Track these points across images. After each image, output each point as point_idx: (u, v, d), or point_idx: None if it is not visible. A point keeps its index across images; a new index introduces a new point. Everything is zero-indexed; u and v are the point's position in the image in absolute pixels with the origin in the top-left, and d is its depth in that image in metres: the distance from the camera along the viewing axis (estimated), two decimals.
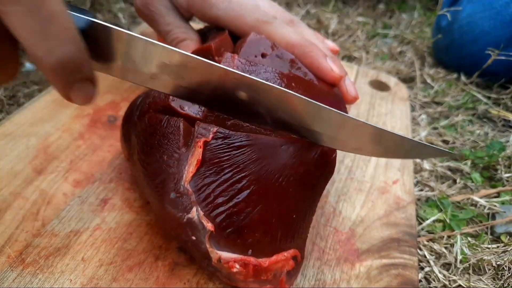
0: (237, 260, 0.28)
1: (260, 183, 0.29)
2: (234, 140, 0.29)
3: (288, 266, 0.30)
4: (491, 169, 0.53)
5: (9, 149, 0.42)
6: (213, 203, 0.28)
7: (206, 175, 0.29)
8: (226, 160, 0.29)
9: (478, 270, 0.41)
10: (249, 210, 0.28)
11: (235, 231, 0.28)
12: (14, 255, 0.33)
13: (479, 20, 0.67)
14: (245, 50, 0.36)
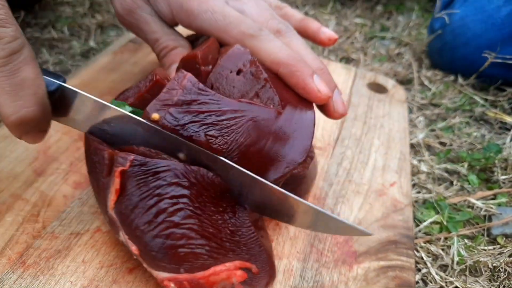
0: (171, 279, 0.30)
1: (177, 205, 0.30)
2: (151, 167, 0.30)
3: (237, 277, 0.30)
4: (487, 171, 0.54)
5: (9, 151, 0.42)
6: (135, 227, 0.30)
7: (126, 202, 0.30)
8: (143, 186, 0.30)
9: (474, 271, 0.41)
10: (169, 231, 0.29)
11: (160, 252, 0.29)
12: (14, 257, 0.33)
13: (471, 23, 0.68)
14: (223, 64, 0.35)
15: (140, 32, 0.42)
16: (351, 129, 0.53)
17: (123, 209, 0.30)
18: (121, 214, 0.30)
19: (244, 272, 0.31)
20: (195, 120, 0.31)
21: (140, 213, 0.29)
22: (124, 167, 0.30)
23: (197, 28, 0.39)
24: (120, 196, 0.30)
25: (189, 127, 0.31)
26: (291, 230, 0.38)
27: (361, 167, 0.47)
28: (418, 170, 0.52)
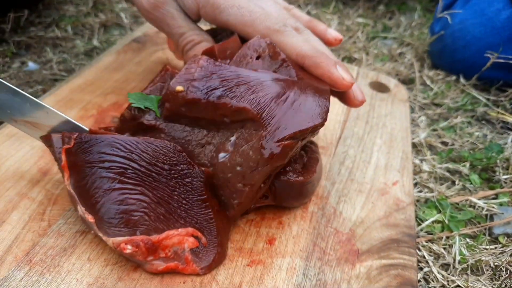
0: (127, 241, 0.31)
1: (126, 173, 0.33)
2: (94, 143, 0.33)
3: (189, 243, 0.33)
4: (489, 170, 0.54)
5: (14, 150, 0.42)
6: (91, 197, 0.32)
7: (80, 176, 0.33)
8: (92, 161, 0.33)
9: (476, 270, 0.42)
10: (122, 197, 0.32)
11: (115, 217, 0.32)
12: (21, 254, 0.33)
13: (471, 26, 0.68)
14: (242, 53, 0.38)
15: (165, 27, 0.43)
16: (354, 128, 0.53)
17: (78, 183, 0.33)
18: (77, 187, 0.33)
19: (195, 240, 0.33)
20: (217, 87, 0.34)
21: (92, 185, 0.32)
22: (69, 145, 0.33)
23: (222, 22, 0.41)
24: (72, 171, 0.33)
25: (213, 93, 0.34)
26: (294, 228, 0.39)
27: (363, 166, 0.47)
28: (420, 169, 0.52)
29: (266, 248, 0.37)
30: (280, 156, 0.32)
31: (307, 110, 0.33)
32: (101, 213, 0.32)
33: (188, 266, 0.33)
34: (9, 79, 0.61)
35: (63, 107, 0.49)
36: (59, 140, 0.34)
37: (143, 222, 0.32)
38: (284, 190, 0.37)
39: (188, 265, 0.33)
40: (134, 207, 0.32)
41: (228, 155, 0.34)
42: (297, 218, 0.40)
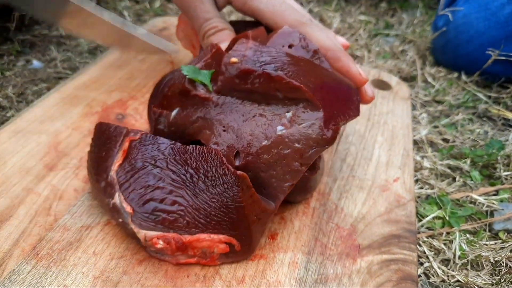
0: (160, 237, 0.33)
1: (172, 175, 0.34)
2: (155, 142, 0.35)
3: (219, 249, 0.34)
4: (490, 167, 0.54)
5: (20, 146, 0.43)
6: (133, 190, 0.33)
7: (129, 167, 0.34)
8: (146, 156, 0.34)
9: (476, 266, 0.42)
10: (164, 196, 0.33)
11: (153, 213, 0.33)
12: (28, 248, 0.34)
13: (474, 20, 0.68)
14: (275, 40, 0.40)
15: (191, 10, 0.45)
16: (355, 126, 0.54)
17: (124, 172, 0.34)
18: (121, 176, 0.34)
19: (226, 246, 0.34)
20: (269, 62, 0.35)
21: (139, 177, 0.34)
22: (135, 137, 0.35)
23: (251, 9, 0.43)
24: (125, 159, 0.34)
25: (267, 67, 0.35)
26: (296, 224, 0.39)
27: (364, 163, 0.48)
28: (421, 166, 0.53)
29: (268, 243, 0.37)
30: (335, 139, 0.34)
31: (348, 101, 0.36)
32: (140, 206, 0.33)
33: (210, 261, 0.34)
34: (14, 77, 0.61)
35: (68, 104, 0.49)
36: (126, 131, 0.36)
37: (177, 224, 0.33)
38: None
39: (211, 261, 0.34)
40: (173, 208, 0.33)
41: (285, 130, 0.34)
42: (299, 213, 0.40)
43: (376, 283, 0.35)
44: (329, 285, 0.34)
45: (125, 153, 0.35)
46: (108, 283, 0.32)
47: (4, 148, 0.42)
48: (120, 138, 0.36)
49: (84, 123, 0.47)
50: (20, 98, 0.57)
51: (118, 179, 0.34)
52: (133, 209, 0.33)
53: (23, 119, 0.46)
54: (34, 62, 0.66)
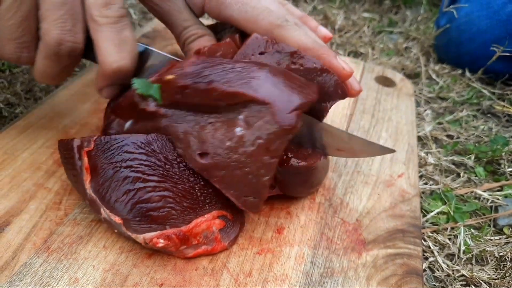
0: (159, 236, 0.33)
1: (148, 171, 0.33)
2: (114, 143, 0.34)
3: (217, 225, 0.35)
4: (494, 163, 0.54)
5: (30, 142, 0.44)
6: (115, 200, 0.33)
7: (101, 178, 0.34)
8: (112, 161, 0.34)
9: (480, 260, 0.42)
10: (148, 195, 0.33)
11: (144, 215, 0.33)
12: (39, 242, 0.35)
13: (476, 19, 0.68)
14: (244, 51, 0.39)
15: (169, 19, 0.44)
16: (360, 122, 0.54)
17: (100, 186, 0.33)
18: (99, 191, 0.34)
19: (221, 220, 0.36)
20: (206, 74, 0.34)
21: (116, 186, 0.33)
22: (90, 147, 0.34)
23: (226, 17, 0.42)
24: (93, 174, 0.34)
25: (202, 80, 0.34)
26: (302, 218, 0.40)
27: (369, 158, 0.48)
28: (426, 162, 0.53)
29: (275, 237, 0.38)
30: (296, 125, 0.33)
31: (301, 89, 0.35)
32: (128, 213, 0.33)
33: (217, 245, 0.35)
34: (22, 74, 0.62)
35: (76, 100, 0.50)
36: (79, 144, 0.35)
37: (171, 217, 0.33)
38: (290, 177, 0.38)
39: (217, 244, 0.35)
40: (161, 203, 0.33)
41: (244, 130, 0.34)
42: (305, 208, 0.41)
43: (381, 276, 0.35)
44: (335, 278, 0.35)
45: (88, 170, 0.34)
46: (118, 276, 0.33)
47: (15, 143, 0.43)
48: (75, 153, 0.35)
49: (92, 119, 0.47)
50: (28, 95, 0.58)
51: (96, 196, 0.34)
52: (123, 219, 0.33)
53: (33, 115, 0.47)
54: None
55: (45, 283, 0.32)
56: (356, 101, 0.58)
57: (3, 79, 0.60)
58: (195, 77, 0.35)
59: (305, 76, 0.38)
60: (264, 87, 0.34)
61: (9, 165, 0.41)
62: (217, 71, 0.35)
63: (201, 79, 0.34)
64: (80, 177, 0.34)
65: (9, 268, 0.32)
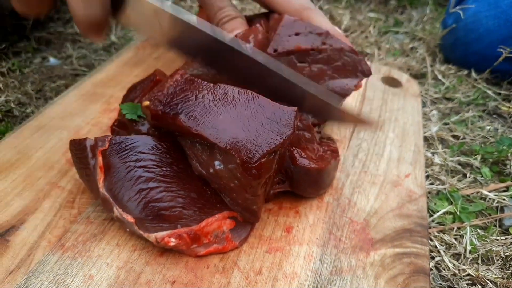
0: (171, 235, 0.33)
1: (161, 172, 0.34)
2: (129, 143, 0.35)
3: (227, 225, 0.35)
4: (500, 164, 0.55)
5: (43, 141, 0.44)
6: (128, 199, 0.33)
7: (114, 177, 0.34)
8: (126, 161, 0.34)
9: (486, 260, 0.43)
10: (160, 195, 0.33)
11: (156, 215, 0.33)
12: (54, 240, 0.35)
13: (484, 18, 0.68)
14: (281, 32, 0.42)
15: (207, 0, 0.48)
16: None
17: (113, 185, 0.34)
18: (112, 190, 0.34)
19: (232, 221, 0.36)
20: (177, 103, 0.34)
21: (129, 185, 0.34)
22: (104, 147, 0.34)
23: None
24: (106, 173, 0.34)
25: (172, 110, 0.33)
26: (310, 218, 0.40)
27: (376, 159, 0.49)
28: (432, 162, 0.54)
29: (284, 236, 0.38)
30: (265, 172, 0.32)
31: (272, 124, 0.33)
32: (141, 212, 0.33)
33: (228, 244, 0.36)
34: (32, 74, 0.63)
35: (87, 100, 0.50)
36: (92, 144, 0.35)
37: (182, 216, 0.34)
38: (301, 176, 0.39)
39: (228, 243, 0.36)
40: (173, 203, 0.34)
41: (222, 165, 0.34)
42: (313, 208, 0.41)
43: (389, 275, 0.36)
44: (344, 277, 0.35)
45: (102, 169, 0.34)
46: (132, 274, 0.33)
47: (28, 143, 0.44)
48: (88, 153, 0.35)
49: (103, 119, 0.48)
50: (38, 95, 0.59)
51: (109, 194, 0.34)
52: (135, 218, 0.33)
53: (45, 115, 0.47)
54: (50, 59, 0.67)
55: (60, 280, 0.33)
56: (363, 101, 0.58)
57: (14, 79, 0.61)
58: (165, 106, 0.34)
59: (333, 56, 0.41)
60: (229, 133, 0.32)
61: (23, 165, 0.42)
62: (187, 101, 0.34)
63: (170, 110, 0.34)
64: (93, 176, 0.35)
65: (25, 265, 0.33)
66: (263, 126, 0.33)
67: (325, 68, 0.42)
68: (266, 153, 0.32)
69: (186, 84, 0.35)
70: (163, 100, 0.34)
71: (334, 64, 0.42)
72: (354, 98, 0.59)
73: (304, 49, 0.41)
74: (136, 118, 0.39)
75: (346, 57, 0.42)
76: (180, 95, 0.34)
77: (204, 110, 0.33)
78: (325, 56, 0.42)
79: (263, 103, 0.34)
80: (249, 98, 0.34)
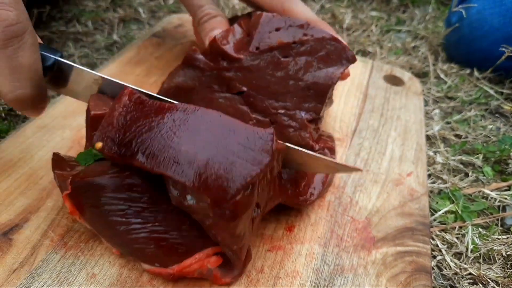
0: (150, 271, 0.33)
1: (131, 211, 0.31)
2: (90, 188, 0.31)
3: (212, 263, 0.32)
4: (502, 163, 0.55)
5: (45, 140, 0.44)
6: (106, 237, 0.33)
7: (88, 218, 0.33)
8: (93, 205, 0.32)
9: (488, 259, 0.43)
10: (133, 236, 0.32)
11: (133, 253, 0.33)
12: (57, 238, 0.36)
13: (489, 16, 0.68)
14: (261, 30, 0.42)
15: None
16: (369, 121, 0.54)
17: (90, 222, 0.33)
18: (92, 225, 0.33)
19: (218, 257, 0.32)
20: (131, 139, 0.29)
21: (103, 227, 0.33)
22: (67, 191, 0.31)
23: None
24: (81, 212, 0.33)
25: (127, 150, 0.29)
26: (312, 217, 0.40)
27: (378, 157, 0.49)
28: (434, 161, 0.54)
29: (285, 234, 0.38)
30: (242, 212, 0.28)
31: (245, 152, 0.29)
32: (122, 249, 0.34)
33: (216, 281, 0.33)
34: None
35: None
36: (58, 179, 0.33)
37: (158, 254, 0.32)
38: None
39: (217, 280, 0.33)
40: (144, 245, 0.32)
41: (193, 201, 0.29)
42: (315, 206, 0.41)
43: (391, 274, 0.36)
44: (345, 275, 0.36)
45: (75, 213, 0.32)
46: (134, 272, 0.34)
47: (30, 142, 0.44)
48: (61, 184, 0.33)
49: None
50: None
51: (92, 227, 0.33)
52: (118, 251, 0.34)
53: (47, 114, 0.48)
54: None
55: (63, 278, 0.33)
56: (365, 100, 0.58)
57: None
58: (120, 146, 0.30)
59: (315, 46, 0.41)
60: (195, 167, 0.27)
61: (26, 164, 0.42)
62: (141, 134, 0.29)
63: (125, 150, 0.29)
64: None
65: (29, 263, 0.33)
66: (234, 154, 0.28)
67: (310, 60, 0.41)
68: (241, 188, 0.27)
69: (137, 110, 0.30)
70: (115, 139, 0.30)
71: (318, 55, 0.41)
72: (356, 97, 0.59)
73: (286, 43, 0.41)
74: (94, 161, 0.34)
75: (329, 46, 0.41)
76: (132, 126, 0.30)
77: (162, 142, 0.29)
78: (308, 47, 0.41)
79: (233, 126, 0.29)
80: (216, 120, 0.29)
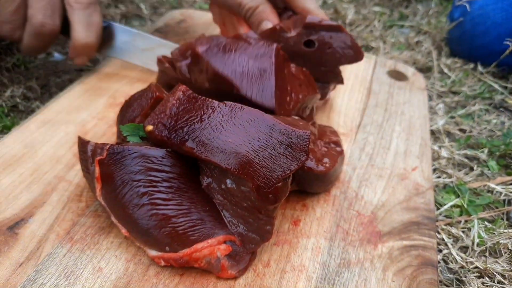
0: (159, 257, 0.33)
1: (157, 188, 0.32)
2: (127, 154, 0.32)
3: (222, 251, 0.32)
4: (507, 157, 0.55)
5: (50, 136, 0.44)
6: (122, 212, 0.33)
7: (111, 189, 0.33)
8: (123, 173, 0.32)
9: (494, 253, 0.43)
10: (151, 213, 0.32)
11: (144, 233, 0.32)
12: (62, 233, 0.35)
13: (491, 11, 0.68)
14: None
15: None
16: (373, 116, 0.54)
17: (109, 196, 0.33)
18: (108, 200, 0.33)
19: (228, 246, 0.33)
20: (183, 126, 0.32)
21: (123, 198, 0.32)
22: (102, 156, 0.32)
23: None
24: (104, 183, 0.33)
25: (178, 136, 0.32)
26: (318, 211, 0.40)
27: (383, 152, 0.49)
28: (439, 155, 0.53)
29: (291, 229, 0.38)
30: (281, 196, 0.32)
31: (284, 148, 0.32)
32: (133, 227, 0.33)
33: (223, 273, 0.33)
34: (37, 69, 0.63)
35: (93, 95, 0.50)
36: (92, 150, 0.34)
37: (172, 237, 0.32)
38: (308, 179, 0.39)
39: (223, 272, 0.33)
40: (162, 223, 0.32)
41: (233, 184, 0.32)
42: (321, 201, 0.41)
43: (397, 268, 0.36)
44: (352, 269, 0.35)
45: (99, 179, 0.33)
46: (140, 266, 0.34)
47: (34, 137, 0.44)
48: (89, 157, 0.34)
49: (109, 113, 0.48)
50: (43, 90, 0.59)
51: (106, 203, 0.33)
52: (128, 231, 0.33)
53: (51, 110, 0.48)
54: (55, 54, 0.67)
55: (70, 272, 0.33)
56: (369, 95, 0.58)
57: (19, 74, 0.61)
58: (170, 131, 0.32)
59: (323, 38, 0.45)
60: (240, 157, 0.31)
61: (30, 159, 0.42)
62: (192, 124, 0.32)
63: (175, 135, 0.32)
64: (93, 181, 0.34)
65: (35, 257, 0.33)
66: (275, 150, 0.31)
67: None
68: (281, 178, 0.31)
69: (189, 103, 0.33)
70: (167, 124, 0.33)
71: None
72: (360, 92, 0.58)
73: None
74: (139, 140, 0.36)
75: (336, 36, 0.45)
76: (184, 116, 0.33)
77: (211, 133, 0.32)
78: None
79: (273, 124, 0.32)
80: (259, 119, 0.32)
